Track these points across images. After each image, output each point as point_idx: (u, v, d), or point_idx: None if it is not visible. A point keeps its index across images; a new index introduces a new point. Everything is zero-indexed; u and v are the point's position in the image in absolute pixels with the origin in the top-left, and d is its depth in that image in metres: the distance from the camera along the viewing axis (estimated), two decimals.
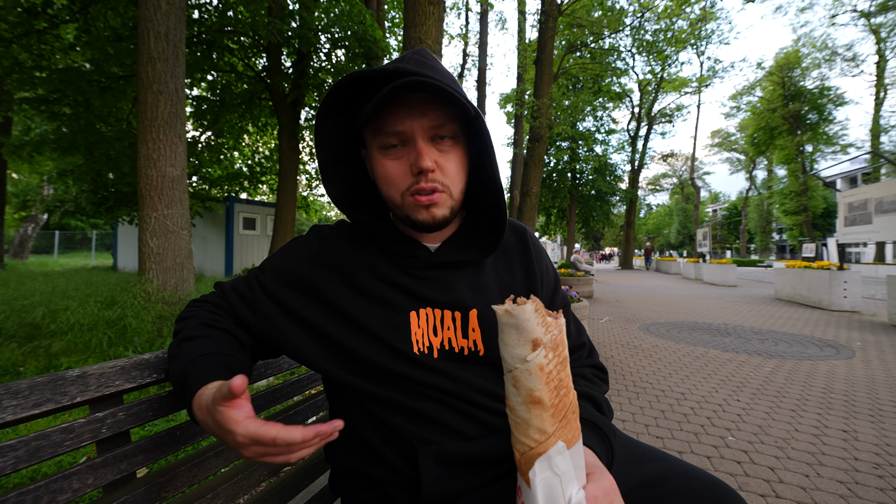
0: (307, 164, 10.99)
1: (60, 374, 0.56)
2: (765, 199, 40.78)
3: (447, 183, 0.60)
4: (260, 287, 0.67)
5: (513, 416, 0.44)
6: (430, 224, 0.60)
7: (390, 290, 0.63)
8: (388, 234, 0.65)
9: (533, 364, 0.41)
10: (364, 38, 6.78)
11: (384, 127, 0.58)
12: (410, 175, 0.59)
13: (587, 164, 21.07)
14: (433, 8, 3.62)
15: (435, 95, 0.57)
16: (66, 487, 0.52)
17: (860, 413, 2.41)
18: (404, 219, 0.62)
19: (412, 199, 0.59)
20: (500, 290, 0.68)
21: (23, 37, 6.10)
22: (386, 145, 0.59)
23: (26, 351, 2.97)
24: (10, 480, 1.57)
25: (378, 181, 0.62)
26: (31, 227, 15.79)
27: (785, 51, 28.03)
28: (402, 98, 0.56)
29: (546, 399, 0.42)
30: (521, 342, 0.42)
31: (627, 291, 10.31)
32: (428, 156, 0.57)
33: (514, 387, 0.43)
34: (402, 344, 0.60)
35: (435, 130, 0.58)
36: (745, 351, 3.96)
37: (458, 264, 0.67)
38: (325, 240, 0.68)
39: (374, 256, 0.66)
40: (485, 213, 0.68)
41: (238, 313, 0.66)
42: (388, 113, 0.57)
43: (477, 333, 0.64)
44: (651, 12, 14.87)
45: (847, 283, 6.78)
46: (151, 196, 3.46)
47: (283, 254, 0.69)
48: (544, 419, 0.42)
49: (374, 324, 0.61)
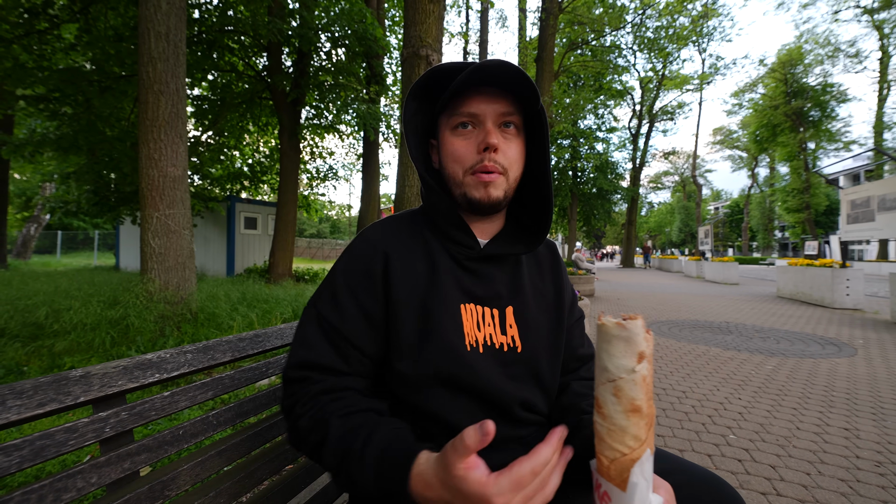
0: (308, 164, 11.00)
1: (64, 375, 0.56)
2: (767, 197, 40.63)
3: (507, 166, 0.65)
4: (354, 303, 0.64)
5: (606, 424, 0.45)
6: (484, 203, 0.65)
7: (444, 282, 0.65)
8: (451, 215, 0.67)
9: (638, 375, 0.44)
10: (364, 36, 6.78)
11: (459, 108, 0.64)
12: (476, 153, 0.64)
13: (588, 163, 21.02)
14: (433, 6, 3.62)
15: (507, 87, 0.64)
16: (71, 486, 0.53)
17: (862, 411, 2.41)
18: (461, 197, 0.67)
19: (473, 176, 0.64)
20: (533, 291, 0.73)
21: (24, 37, 6.11)
22: (457, 125, 0.65)
23: (30, 351, 2.98)
24: (14, 479, 1.58)
25: (444, 159, 0.68)
26: (34, 227, 15.84)
27: (787, 47, 27.91)
28: (479, 88, 0.64)
29: (644, 408, 0.44)
30: (628, 354, 0.45)
31: (629, 290, 10.30)
32: (495, 135, 0.63)
33: (615, 395, 0.45)
34: (458, 337, 0.63)
35: (504, 117, 0.64)
36: (747, 349, 3.95)
37: (503, 258, 0.71)
38: (380, 250, 0.67)
39: (429, 244, 0.68)
40: (528, 212, 0.74)
41: (359, 346, 0.63)
42: (464, 98, 0.64)
43: (514, 330, 0.68)
44: (652, 9, 14.81)
45: (849, 280, 6.76)
46: (153, 196, 3.47)
47: (348, 270, 0.67)
48: (640, 427, 0.44)
49: (436, 316, 0.63)
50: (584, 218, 22.42)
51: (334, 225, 53.82)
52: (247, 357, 0.83)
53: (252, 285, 6.00)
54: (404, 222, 0.71)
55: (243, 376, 0.81)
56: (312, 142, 10.60)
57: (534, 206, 0.73)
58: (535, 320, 0.70)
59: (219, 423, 0.74)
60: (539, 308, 0.72)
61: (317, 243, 30.69)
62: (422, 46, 3.58)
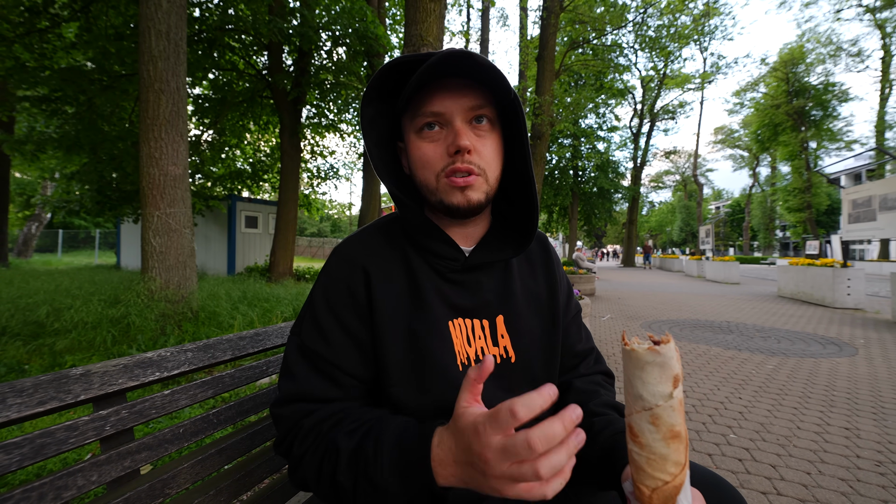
0: (308, 163, 11.00)
1: (64, 373, 0.56)
2: (768, 196, 40.54)
3: (483, 166, 0.58)
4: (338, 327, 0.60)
5: (645, 454, 0.43)
6: (464, 208, 0.58)
7: (430, 299, 0.61)
8: (427, 229, 0.62)
9: (676, 400, 0.42)
10: (365, 35, 6.76)
11: (421, 107, 0.57)
12: (447, 156, 0.57)
13: (589, 162, 21.00)
14: (434, 5, 3.61)
15: (474, 77, 0.57)
16: (71, 484, 0.53)
17: (863, 411, 2.41)
18: (437, 204, 0.60)
19: (447, 181, 0.57)
20: (525, 294, 0.68)
21: (25, 36, 6.12)
22: (422, 126, 0.58)
23: (31, 349, 2.99)
24: (15, 477, 1.58)
25: (413, 165, 0.61)
26: (35, 225, 15.87)
27: (789, 46, 27.83)
28: (441, 82, 0.57)
29: (683, 432, 0.42)
30: (663, 379, 0.42)
31: (629, 289, 10.29)
32: (465, 135, 0.56)
33: (653, 424, 0.42)
34: (449, 357, 0.59)
35: (473, 112, 0.58)
36: (748, 349, 3.95)
37: (491, 265, 0.66)
38: (358, 267, 0.61)
39: (409, 258, 0.63)
40: (513, 209, 0.68)
41: (348, 370, 0.59)
42: (425, 95, 0.57)
43: (506, 339, 0.64)
44: (654, 8, 14.78)
45: (850, 280, 6.75)
46: (154, 195, 3.47)
47: (326, 299, 0.61)
48: (681, 451, 0.42)
49: (423, 335, 0.59)
50: (585, 217, 22.40)
51: (335, 224, 53.82)
52: (247, 356, 0.83)
53: (253, 284, 6.00)
54: (381, 235, 0.65)
55: (244, 375, 0.81)
56: (313, 141, 10.60)
57: (519, 201, 0.67)
58: (527, 326, 0.66)
59: (219, 421, 0.74)
60: (532, 311, 0.68)
61: (317, 242, 30.71)
62: (423, 45, 3.57)
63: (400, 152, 0.67)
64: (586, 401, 0.64)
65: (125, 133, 6.94)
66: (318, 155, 10.85)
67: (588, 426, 0.59)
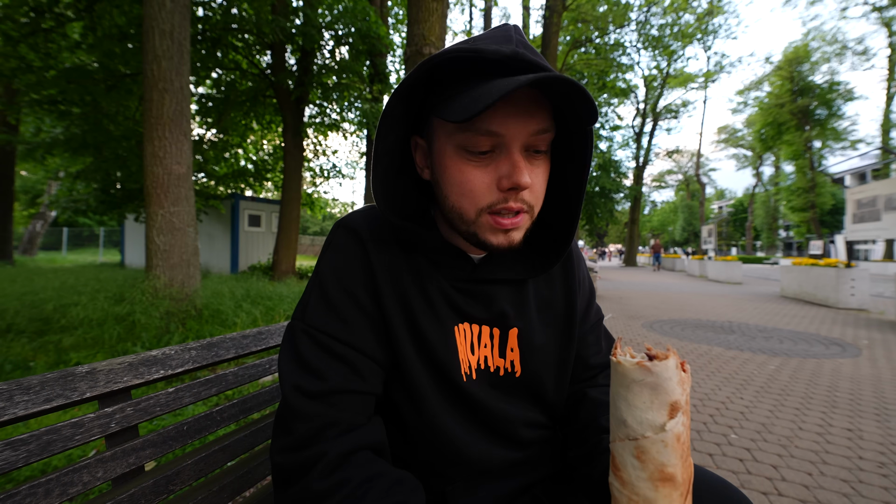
0: (311, 162, 11.02)
1: (70, 371, 0.57)
2: (771, 196, 40.33)
3: (533, 203, 0.50)
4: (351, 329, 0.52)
5: (626, 492, 0.36)
6: (503, 249, 0.51)
7: (435, 299, 0.56)
8: (433, 244, 0.56)
9: (670, 434, 0.34)
10: (368, 34, 6.77)
11: (476, 123, 0.46)
12: (497, 190, 0.48)
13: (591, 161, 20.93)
14: (437, 4, 3.61)
15: (551, 97, 0.48)
16: (77, 480, 0.54)
17: (865, 412, 2.40)
18: (468, 235, 0.52)
19: (491, 218, 0.49)
20: (539, 306, 0.62)
21: (30, 35, 6.15)
22: (473, 148, 0.47)
23: (36, 346, 3.01)
24: (21, 474, 1.60)
25: (449, 187, 0.51)
26: (40, 223, 15.99)
27: (794, 45, 27.65)
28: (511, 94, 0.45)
29: (679, 476, 0.34)
30: (655, 405, 0.34)
31: (631, 289, 10.27)
32: (525, 170, 0.47)
33: (638, 459, 0.35)
34: (453, 358, 0.55)
35: (536, 139, 0.48)
36: (750, 349, 3.93)
37: (502, 280, 0.60)
38: (365, 245, 0.55)
39: (416, 258, 0.57)
40: (539, 229, 0.59)
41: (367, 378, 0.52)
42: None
43: (515, 354, 0.59)
44: (657, 6, 14.71)
45: (854, 280, 6.71)
46: (158, 193, 3.49)
47: (329, 287, 0.54)
48: (673, 499, 0.34)
49: (428, 338, 0.55)
50: (587, 216, 22.34)
51: None
52: (250, 354, 0.84)
53: (256, 282, 6.03)
54: (388, 229, 0.57)
55: (247, 373, 0.82)
56: (316, 140, 10.62)
57: (554, 225, 0.59)
58: (540, 341, 0.60)
59: (222, 419, 0.74)
60: (546, 323, 0.62)
61: (320, 241, 30.78)
62: (425, 45, 3.57)
63: (415, 148, 0.56)
64: (599, 414, 0.59)
65: (129, 132, 6.98)
66: (320, 154, 10.88)
67: (596, 443, 0.55)
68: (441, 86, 0.49)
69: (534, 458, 0.61)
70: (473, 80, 0.46)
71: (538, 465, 0.62)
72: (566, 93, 0.44)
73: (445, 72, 0.48)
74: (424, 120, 0.54)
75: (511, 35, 0.48)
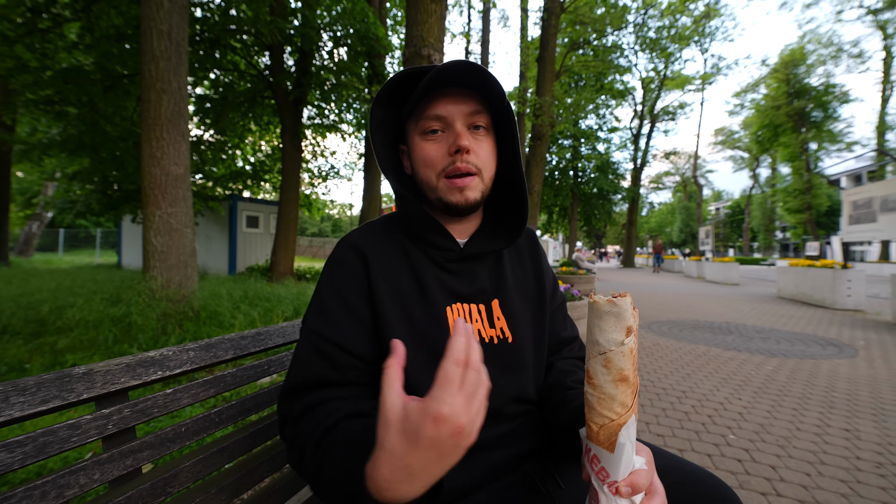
0: (309, 163, 11.01)
1: (67, 372, 0.57)
2: (768, 198, 40.48)
3: (480, 166, 0.65)
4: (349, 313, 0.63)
5: (597, 394, 0.49)
6: (462, 206, 0.65)
7: (428, 286, 0.65)
8: (426, 222, 0.67)
9: (626, 347, 0.48)
10: (366, 36, 6.77)
11: (426, 111, 0.64)
12: (448, 156, 0.64)
13: (589, 163, 21.02)
14: (435, 6, 3.62)
15: (472, 86, 0.64)
16: (73, 482, 0.53)
17: (862, 412, 2.41)
18: (437, 202, 0.67)
19: (447, 182, 0.64)
20: (515, 282, 0.74)
21: (26, 36, 6.13)
22: (426, 129, 0.65)
23: (32, 348, 2.99)
24: (17, 476, 1.59)
25: (416, 164, 0.67)
26: (36, 224, 15.89)
27: (790, 47, 27.81)
28: (444, 90, 0.64)
29: (631, 377, 0.48)
30: (618, 328, 0.48)
31: (629, 290, 10.28)
32: (465, 136, 0.63)
33: (605, 367, 0.48)
34: (444, 338, 0.62)
35: (472, 118, 0.65)
36: (747, 349, 3.95)
37: (484, 255, 0.72)
38: (363, 254, 0.66)
39: (408, 250, 0.68)
40: (504, 207, 0.74)
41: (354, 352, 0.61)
42: (430, 101, 0.64)
43: (503, 321, 0.69)
44: (654, 9, 14.78)
45: (851, 281, 6.75)
46: (155, 194, 3.48)
47: (329, 293, 0.64)
48: (627, 394, 0.48)
49: (420, 320, 0.63)
50: (585, 218, 22.42)
51: (336, 224, 53.85)
52: (249, 355, 0.84)
53: (254, 283, 6.01)
54: (382, 229, 0.70)
55: (245, 374, 0.81)
56: (314, 141, 10.61)
57: (510, 200, 0.73)
58: (520, 309, 0.71)
59: (220, 420, 0.74)
60: (522, 298, 0.73)
61: (318, 242, 30.72)
62: (424, 46, 3.58)
63: (402, 155, 0.73)
64: (564, 379, 0.70)
65: (127, 133, 6.95)
66: (319, 155, 10.86)
67: (562, 399, 0.65)
68: (406, 99, 0.69)
69: (519, 431, 0.66)
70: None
71: (523, 437, 0.66)
72: (484, 80, 0.61)
73: (408, 88, 0.67)
74: (404, 130, 0.71)
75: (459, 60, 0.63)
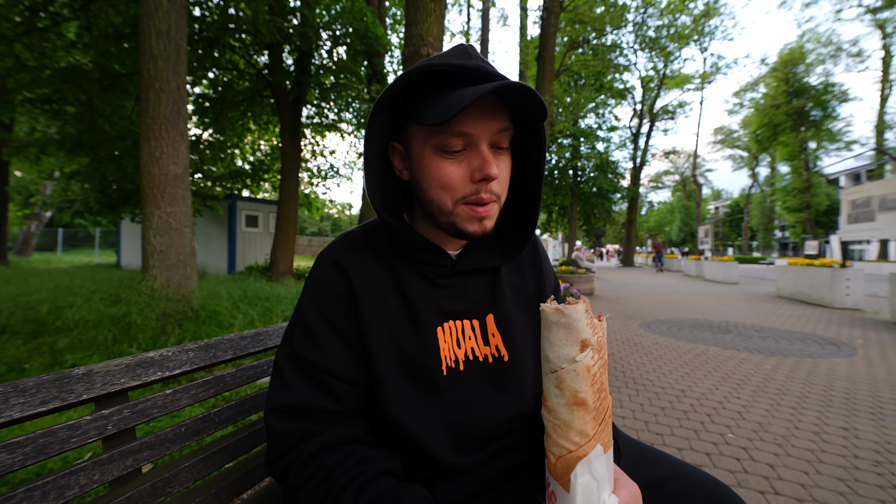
0: (308, 162, 10.99)
1: (66, 373, 0.57)
2: (767, 197, 40.53)
3: (500, 193, 0.58)
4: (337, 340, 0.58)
5: (551, 419, 0.43)
6: (478, 235, 0.58)
7: (417, 307, 0.60)
8: (416, 241, 0.61)
9: (581, 365, 0.41)
10: (365, 35, 6.77)
11: (450, 126, 0.53)
12: (470, 182, 0.55)
13: (589, 162, 20.99)
14: (434, 5, 3.61)
15: (508, 100, 0.55)
16: (73, 483, 0.53)
17: (861, 411, 2.41)
18: (447, 226, 0.58)
19: (467, 208, 0.56)
20: (513, 293, 0.68)
21: (25, 35, 6.11)
22: (449, 147, 0.55)
23: (31, 348, 2.99)
24: (16, 476, 1.59)
25: (427, 183, 0.57)
26: (35, 224, 15.87)
27: (789, 46, 27.83)
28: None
29: (590, 401, 0.41)
30: (569, 342, 0.41)
31: (628, 289, 10.30)
32: (493, 163, 0.54)
33: (558, 388, 0.42)
34: (433, 362, 0.59)
35: (499, 136, 0.56)
36: (746, 348, 3.95)
37: (478, 271, 0.66)
38: (347, 273, 0.60)
39: (396, 268, 0.62)
40: (505, 221, 0.66)
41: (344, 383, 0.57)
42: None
43: (497, 339, 0.64)
44: (654, 8, 14.78)
45: (849, 280, 6.76)
46: (154, 194, 3.47)
47: (313, 314, 0.59)
48: (586, 421, 0.41)
49: (406, 345, 0.59)
50: (584, 217, 22.40)
51: (335, 223, 53.78)
52: (248, 355, 0.84)
53: (253, 283, 6.00)
54: (363, 243, 0.63)
55: (245, 374, 0.81)
56: (313, 140, 10.60)
57: (516, 216, 0.67)
58: (518, 323, 0.66)
59: (220, 420, 0.74)
60: (521, 309, 0.68)
61: (318, 241, 30.72)
62: (423, 45, 3.57)
63: (392, 152, 0.62)
64: None
65: (125, 132, 6.94)
66: (318, 154, 10.85)
67: None
68: (414, 96, 0.56)
69: (515, 445, 0.64)
70: (444, 90, 0.54)
71: (519, 450, 0.64)
72: (522, 96, 0.52)
73: (418, 84, 0.56)
74: (401, 127, 0.60)
75: (470, 53, 0.56)
